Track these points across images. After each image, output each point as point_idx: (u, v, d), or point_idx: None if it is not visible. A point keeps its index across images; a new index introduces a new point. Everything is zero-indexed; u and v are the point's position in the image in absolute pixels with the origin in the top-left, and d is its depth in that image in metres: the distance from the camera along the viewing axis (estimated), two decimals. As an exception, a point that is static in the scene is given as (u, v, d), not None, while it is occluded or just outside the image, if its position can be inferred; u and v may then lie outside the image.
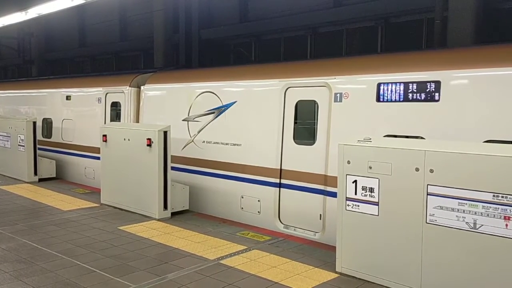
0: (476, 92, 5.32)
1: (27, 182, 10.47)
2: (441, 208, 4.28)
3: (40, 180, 10.67)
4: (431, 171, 4.31)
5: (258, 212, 7.40)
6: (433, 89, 5.55)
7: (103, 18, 19.80)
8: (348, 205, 4.92)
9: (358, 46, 12.08)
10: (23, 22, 12.59)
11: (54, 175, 11.07)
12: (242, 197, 7.64)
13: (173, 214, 7.60)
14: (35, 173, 10.66)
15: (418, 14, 10.76)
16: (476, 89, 5.33)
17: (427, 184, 4.34)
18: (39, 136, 11.57)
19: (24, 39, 23.75)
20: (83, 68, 22.00)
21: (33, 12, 10.82)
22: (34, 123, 10.58)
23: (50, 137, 12.16)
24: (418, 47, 10.60)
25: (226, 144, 7.87)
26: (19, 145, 10.69)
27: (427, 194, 4.35)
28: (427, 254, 4.40)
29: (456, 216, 4.20)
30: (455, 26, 8.92)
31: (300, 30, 13.15)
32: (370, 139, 4.93)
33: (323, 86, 6.64)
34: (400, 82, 5.85)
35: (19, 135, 10.66)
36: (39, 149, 11.08)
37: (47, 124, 12.37)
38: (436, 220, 4.32)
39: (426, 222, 4.37)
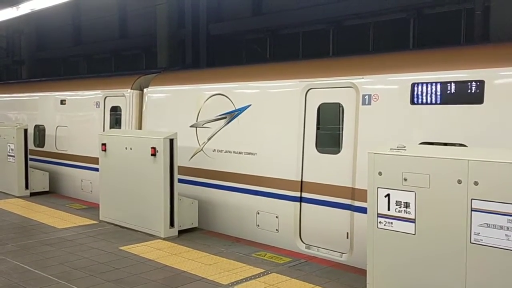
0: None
1: (18, 197, 10.60)
2: (488, 226, 4.24)
3: (32, 194, 10.80)
4: (476, 183, 4.28)
5: (276, 230, 7.40)
6: (476, 90, 5.51)
7: (100, 13, 20.07)
8: (380, 222, 4.90)
9: (387, 41, 12.06)
10: (12, 18, 12.81)
11: (47, 189, 11.20)
12: (258, 213, 7.65)
13: (180, 232, 7.63)
14: (26, 187, 10.78)
15: (455, 4, 10.72)
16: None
17: (471, 199, 4.31)
18: (31, 145, 11.73)
19: (13, 37, 24.22)
20: (78, 69, 22.31)
21: (25, 8, 11.03)
22: (25, 130, 10.74)
23: (42, 146, 12.32)
24: (456, 42, 10.55)
25: (240, 153, 7.90)
26: (8, 155, 10.84)
27: (471, 210, 4.31)
28: (471, 278, 4.35)
29: (506, 235, 4.16)
30: (499, 18, 8.87)
31: (322, 24, 13.18)
32: (405, 147, 4.91)
33: (349, 87, 6.64)
34: (437, 82, 5.82)
35: (8, 144, 10.82)
36: (31, 159, 11.22)
37: (40, 132, 12.54)
38: (481, 240, 4.28)
39: (471, 242, 4.33)
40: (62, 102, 11.82)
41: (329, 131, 7.05)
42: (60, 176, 11.66)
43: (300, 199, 7.10)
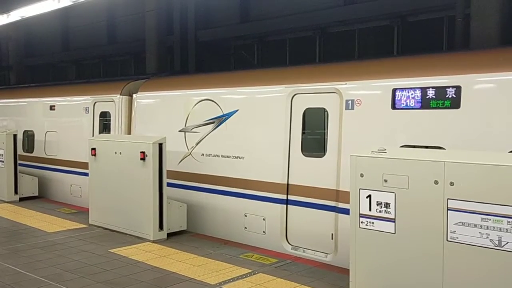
0: (500, 98, 5.50)
1: (7, 202, 10.65)
2: (463, 224, 4.43)
3: (21, 199, 10.86)
4: (452, 184, 4.46)
5: (263, 232, 7.54)
6: (453, 95, 5.73)
7: (89, 19, 20.15)
8: (361, 222, 5.07)
9: (372, 48, 12.30)
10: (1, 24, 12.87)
11: (37, 194, 11.25)
12: (246, 216, 7.80)
13: (169, 235, 7.75)
14: (16, 192, 10.84)
15: (438, 12, 11.00)
16: (501, 95, 5.51)
17: (447, 198, 4.49)
18: (20, 151, 11.77)
19: (0, 43, 24.15)
20: (67, 75, 22.34)
21: (15, 15, 11.11)
22: (15, 136, 10.79)
23: (32, 152, 12.36)
24: (439, 49, 10.81)
25: (228, 157, 8.04)
26: (-2, 160, 10.90)
27: (448, 209, 4.49)
28: (448, 274, 4.53)
29: (479, 233, 4.34)
30: (479, 25, 9.11)
31: (308, 31, 13.41)
32: (385, 149, 5.08)
33: (333, 93, 6.83)
34: (417, 88, 6.03)
35: (-3, 149, 10.86)
36: (20, 165, 11.27)
37: (29, 137, 12.58)
38: (457, 238, 4.46)
39: (447, 240, 4.51)
40: (52, 107, 11.89)
41: (314, 135, 7.23)
42: (49, 181, 11.71)
43: (287, 202, 7.26)
